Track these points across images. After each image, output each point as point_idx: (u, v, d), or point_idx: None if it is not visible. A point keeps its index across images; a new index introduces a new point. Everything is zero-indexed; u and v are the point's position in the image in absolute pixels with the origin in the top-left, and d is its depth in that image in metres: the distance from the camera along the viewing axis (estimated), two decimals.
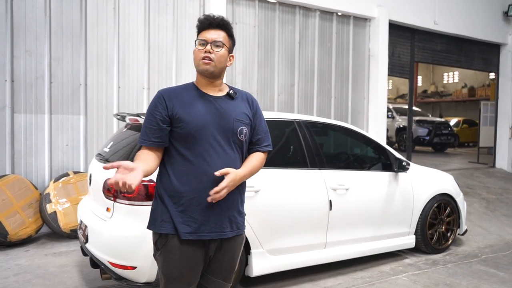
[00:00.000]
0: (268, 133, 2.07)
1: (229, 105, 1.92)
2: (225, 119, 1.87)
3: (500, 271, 4.05)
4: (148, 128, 1.85)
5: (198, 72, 1.90)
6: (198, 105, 1.86)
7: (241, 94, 2.01)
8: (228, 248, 1.91)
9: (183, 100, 1.86)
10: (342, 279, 3.75)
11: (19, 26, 4.92)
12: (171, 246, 1.81)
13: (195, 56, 1.89)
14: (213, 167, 1.80)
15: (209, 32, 1.88)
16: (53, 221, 4.58)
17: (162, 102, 1.84)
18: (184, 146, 1.82)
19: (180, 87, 1.94)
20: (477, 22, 9.26)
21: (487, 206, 6.90)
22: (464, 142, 16.81)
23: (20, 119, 4.96)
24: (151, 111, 1.86)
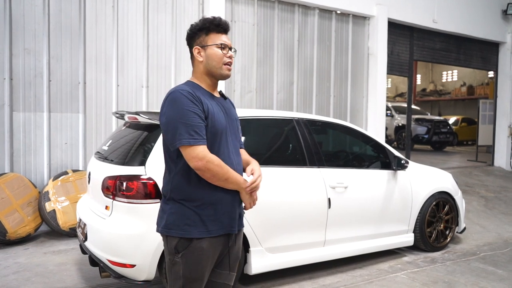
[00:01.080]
0: None
1: (227, 105, 1.98)
2: (232, 119, 1.96)
3: (498, 268, 4.06)
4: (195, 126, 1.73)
5: (218, 75, 1.90)
6: (215, 104, 1.88)
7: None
8: (238, 241, 2.00)
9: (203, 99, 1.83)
10: (341, 277, 3.76)
11: (17, 24, 4.92)
12: (194, 248, 1.81)
13: (216, 59, 1.88)
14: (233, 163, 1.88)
15: (227, 37, 1.93)
16: (52, 219, 4.58)
17: (196, 98, 1.78)
18: (213, 143, 1.82)
19: (190, 87, 1.85)
20: (476, 21, 9.27)
21: (485, 204, 6.92)
22: (463, 140, 16.84)
23: (19, 117, 4.96)
24: (189, 108, 1.74)
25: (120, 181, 2.93)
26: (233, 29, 6.31)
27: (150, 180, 2.90)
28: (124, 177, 2.93)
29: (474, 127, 14.01)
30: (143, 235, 2.89)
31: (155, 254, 2.90)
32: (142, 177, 2.91)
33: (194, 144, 1.72)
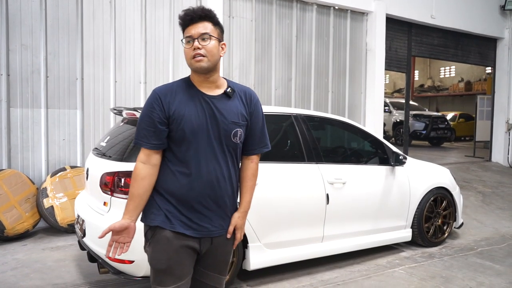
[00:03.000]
0: (265, 132, 1.99)
1: (225, 105, 1.83)
2: (221, 122, 1.80)
3: (496, 263, 4.08)
4: (146, 130, 1.78)
5: (193, 71, 1.83)
6: (194, 105, 1.79)
7: (239, 90, 1.90)
8: (221, 244, 1.90)
9: (179, 99, 1.79)
10: (339, 272, 3.77)
11: (14, 19, 4.88)
12: (159, 237, 1.80)
13: (186, 56, 1.81)
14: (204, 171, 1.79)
15: (194, 27, 1.79)
16: (50, 215, 4.58)
17: (159, 103, 1.77)
18: (179, 148, 1.79)
19: (175, 85, 1.85)
20: (474, 16, 9.26)
21: (483, 199, 6.94)
22: (461, 136, 16.88)
23: (16, 113, 4.94)
24: (148, 112, 1.78)
25: (118, 177, 2.92)
26: (231, 25, 6.29)
27: None
28: (122, 173, 2.92)
29: (471, 122, 14.05)
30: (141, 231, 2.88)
31: None
32: None
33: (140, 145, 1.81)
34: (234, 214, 1.93)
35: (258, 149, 1.97)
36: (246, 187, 1.97)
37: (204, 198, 1.80)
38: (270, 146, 2.02)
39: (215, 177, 1.81)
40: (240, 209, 1.95)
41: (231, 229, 1.91)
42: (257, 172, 2.01)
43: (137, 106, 5.49)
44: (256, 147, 1.96)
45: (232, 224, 1.91)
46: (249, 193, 1.98)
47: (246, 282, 3.47)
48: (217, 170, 1.82)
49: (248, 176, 1.97)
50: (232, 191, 1.90)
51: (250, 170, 1.97)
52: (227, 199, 1.87)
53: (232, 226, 1.91)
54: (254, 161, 1.98)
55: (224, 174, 1.84)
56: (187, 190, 1.79)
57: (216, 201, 1.83)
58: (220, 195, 1.84)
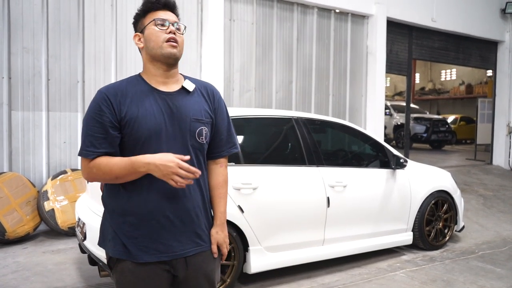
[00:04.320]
0: (232, 131, 1.77)
1: (185, 101, 1.61)
2: (181, 120, 1.57)
3: (497, 267, 4.07)
4: (93, 137, 1.50)
5: (161, 57, 1.58)
6: (149, 104, 1.55)
7: (199, 86, 1.69)
8: (200, 263, 1.63)
9: (131, 98, 1.54)
10: (339, 275, 3.76)
11: (16, 22, 4.90)
12: (122, 268, 1.55)
13: (153, 38, 1.57)
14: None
15: (166, 13, 1.61)
16: (51, 218, 4.58)
17: (108, 104, 1.51)
18: (133, 154, 1.52)
19: (124, 82, 1.61)
20: (474, 20, 9.27)
21: (484, 202, 6.93)
22: (462, 139, 16.85)
23: (18, 116, 4.94)
24: (95, 115, 1.51)
25: None
26: (232, 28, 6.31)
27: None
28: None
29: (472, 125, 14.03)
30: None
31: None
32: None
33: (85, 156, 1.52)
34: (212, 230, 1.68)
35: (226, 150, 1.73)
36: (219, 196, 1.71)
37: (167, 213, 1.54)
38: (238, 147, 1.80)
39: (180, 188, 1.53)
40: (216, 222, 1.70)
41: (215, 248, 1.67)
42: (227, 177, 1.75)
43: None
44: (224, 148, 1.72)
45: (213, 242, 1.67)
46: (223, 203, 1.72)
47: (246, 286, 3.47)
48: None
49: (220, 183, 1.71)
50: (203, 201, 1.65)
51: (220, 176, 1.72)
52: (198, 211, 1.62)
53: (214, 244, 1.67)
54: (224, 165, 1.74)
55: (193, 183, 1.58)
56: (145, 206, 1.53)
57: (183, 215, 1.57)
58: (189, 207, 1.58)
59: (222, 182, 1.73)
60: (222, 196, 1.72)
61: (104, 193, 1.65)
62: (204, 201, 1.66)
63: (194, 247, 1.61)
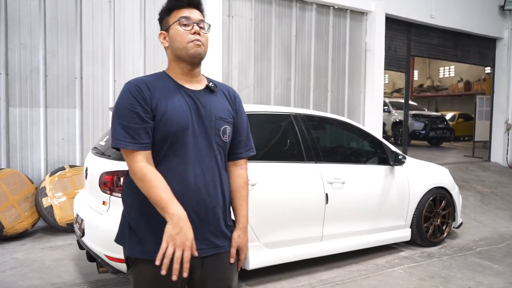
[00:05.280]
0: (250, 134, 1.78)
1: (210, 100, 1.62)
2: (207, 117, 1.58)
3: (495, 263, 4.09)
4: (130, 128, 1.48)
5: (185, 57, 1.57)
6: (177, 99, 1.55)
7: (221, 87, 1.71)
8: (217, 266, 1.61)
9: (159, 92, 1.54)
10: (338, 272, 3.77)
11: (13, 18, 4.88)
12: (140, 267, 1.55)
13: (178, 38, 1.56)
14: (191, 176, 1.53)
15: (191, 12, 1.59)
16: (49, 215, 4.57)
17: (141, 94, 1.51)
18: (159, 149, 1.53)
19: (150, 77, 1.61)
20: (473, 16, 9.26)
21: (482, 199, 6.95)
22: (460, 136, 16.88)
23: (15, 112, 4.93)
24: (129, 105, 1.49)
25: (117, 177, 2.92)
26: (230, 24, 6.29)
27: None
28: (122, 172, 2.92)
29: (471, 122, 14.06)
30: None
31: None
32: None
33: (124, 147, 1.49)
34: (234, 233, 1.66)
35: (245, 152, 1.74)
36: (240, 198, 1.69)
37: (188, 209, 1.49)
38: (255, 150, 1.81)
39: (203, 183, 1.55)
40: (238, 225, 1.68)
41: (234, 252, 1.64)
42: (248, 180, 1.75)
43: None
44: (243, 150, 1.73)
45: (233, 246, 1.64)
46: (245, 205, 1.70)
47: (245, 282, 3.47)
48: (206, 175, 1.56)
49: (241, 185, 1.70)
50: (223, 200, 1.63)
51: (241, 178, 1.71)
52: (219, 210, 1.60)
53: (234, 248, 1.65)
54: (244, 167, 1.74)
55: (215, 179, 1.59)
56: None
57: (203, 213, 1.56)
58: (210, 205, 1.57)
59: (243, 184, 1.72)
60: (243, 198, 1.71)
61: (124, 190, 1.63)
62: (224, 202, 1.64)
63: (211, 247, 1.59)
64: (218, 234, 1.61)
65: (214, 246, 1.60)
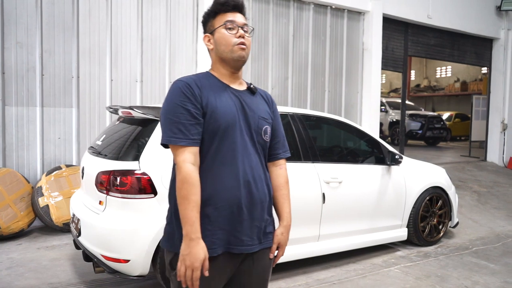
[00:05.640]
0: (285, 136, 1.85)
1: (252, 101, 1.69)
2: (251, 116, 1.64)
3: (491, 262, 4.10)
4: (181, 124, 1.51)
5: (230, 60, 1.63)
6: (225, 97, 1.61)
7: (259, 90, 1.78)
8: (258, 261, 1.66)
9: (208, 90, 1.59)
10: (335, 271, 3.77)
11: (9, 17, 4.85)
12: None
13: (224, 42, 1.62)
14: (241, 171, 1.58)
15: (234, 15, 1.64)
16: (46, 214, 4.56)
17: (191, 91, 1.55)
18: (209, 145, 1.56)
19: (199, 76, 1.65)
20: (470, 17, 9.29)
21: (478, 199, 6.97)
22: (456, 136, 16.93)
23: (11, 111, 4.91)
24: (180, 102, 1.53)
25: (114, 176, 2.91)
26: None
27: (144, 175, 2.89)
28: (118, 172, 2.91)
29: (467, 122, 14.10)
30: (137, 230, 2.88)
31: (149, 249, 2.89)
32: (136, 172, 2.90)
33: (174, 143, 1.52)
34: (277, 230, 1.72)
35: (283, 153, 1.80)
36: (283, 196, 1.75)
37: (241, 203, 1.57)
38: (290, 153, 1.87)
39: (252, 178, 1.60)
40: (283, 223, 1.74)
41: (275, 248, 1.70)
42: (288, 179, 1.81)
43: (133, 104, 5.48)
44: (281, 151, 1.80)
45: (275, 242, 1.71)
46: (288, 204, 1.76)
47: None
48: (254, 171, 1.61)
49: (282, 184, 1.77)
50: (269, 196, 1.69)
51: (281, 177, 1.78)
52: (265, 205, 1.66)
53: (276, 244, 1.71)
54: (283, 167, 1.80)
55: (261, 175, 1.65)
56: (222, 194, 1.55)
57: (254, 207, 1.61)
58: (259, 200, 1.62)
59: (284, 183, 1.78)
60: (285, 197, 1.77)
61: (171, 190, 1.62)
62: (270, 199, 1.70)
63: (258, 243, 1.65)
64: (264, 229, 1.67)
65: (260, 242, 1.66)
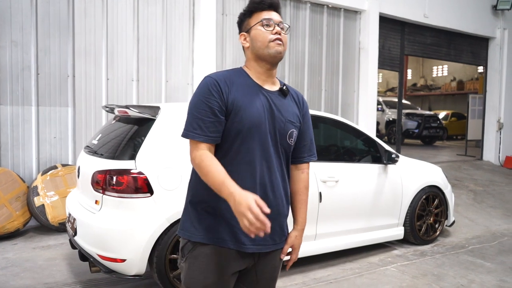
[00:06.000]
0: (313, 140, 1.83)
1: (282, 103, 1.67)
2: (278, 119, 1.63)
3: (487, 261, 4.12)
4: (201, 120, 1.53)
5: (267, 57, 1.62)
6: (253, 97, 1.60)
7: (291, 91, 1.75)
8: (268, 261, 1.68)
9: (237, 88, 1.59)
10: (331, 270, 3.78)
11: (4, 15, 4.82)
12: (197, 253, 1.59)
13: (260, 38, 1.62)
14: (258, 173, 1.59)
15: (270, 13, 1.65)
16: (41, 214, 4.53)
17: (218, 89, 1.55)
18: (231, 143, 1.57)
19: (229, 72, 1.65)
20: (466, 16, 9.32)
21: (474, 198, 7.00)
22: (453, 135, 16.99)
23: (6, 111, 4.88)
24: (204, 99, 1.54)
25: (110, 175, 2.90)
26: (224, 23, 6.27)
27: (141, 174, 2.88)
28: (114, 171, 2.90)
29: (463, 121, 14.14)
30: (133, 229, 2.87)
31: (145, 249, 2.88)
32: (132, 171, 2.88)
33: (191, 138, 1.55)
34: (291, 233, 1.75)
35: (307, 157, 1.79)
36: (300, 201, 1.76)
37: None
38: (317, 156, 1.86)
39: (269, 180, 1.61)
40: (297, 227, 1.76)
41: (286, 249, 1.73)
42: (308, 184, 1.81)
43: (129, 103, 5.46)
44: (306, 155, 1.78)
45: (288, 243, 1.73)
46: (304, 209, 1.77)
47: None
48: (272, 173, 1.62)
49: (301, 189, 1.77)
50: (287, 200, 1.70)
51: (302, 182, 1.78)
52: (281, 208, 1.66)
53: (288, 246, 1.73)
54: (305, 172, 1.80)
55: (279, 179, 1.65)
56: None
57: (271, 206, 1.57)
58: (275, 202, 1.63)
59: (303, 189, 1.78)
60: (303, 202, 1.78)
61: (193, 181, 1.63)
62: (287, 202, 1.71)
63: (272, 243, 1.66)
64: (279, 230, 1.68)
65: (274, 242, 1.67)
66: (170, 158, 3.02)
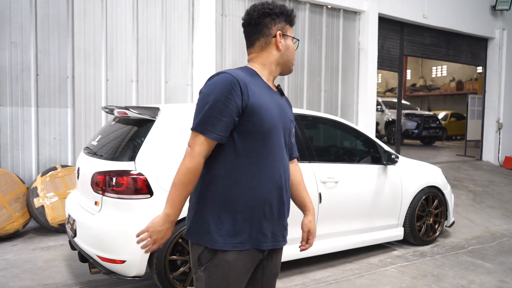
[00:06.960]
0: None
1: (283, 102, 1.74)
2: (285, 118, 1.69)
3: (486, 262, 4.12)
4: (216, 118, 1.50)
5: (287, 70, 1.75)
6: (268, 98, 1.63)
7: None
8: (274, 256, 1.74)
9: (254, 89, 1.58)
10: (331, 271, 3.78)
11: (3, 16, 4.82)
12: (219, 261, 1.56)
13: (291, 51, 1.74)
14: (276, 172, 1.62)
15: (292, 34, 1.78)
16: (41, 215, 4.53)
17: (238, 90, 1.52)
18: (252, 145, 1.57)
19: (243, 72, 1.62)
20: (465, 16, 9.33)
21: (474, 198, 7.00)
22: (452, 135, 16.99)
23: (6, 112, 4.87)
24: (224, 98, 1.50)
25: (109, 177, 2.90)
26: (223, 23, 6.27)
27: (141, 176, 2.88)
28: (114, 172, 2.90)
29: (463, 122, 14.14)
30: (132, 230, 2.86)
31: None
32: (132, 173, 2.88)
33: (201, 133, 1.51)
34: (304, 219, 1.82)
35: (295, 152, 1.89)
36: (304, 189, 1.86)
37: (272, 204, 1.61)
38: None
39: (284, 179, 1.66)
40: (309, 212, 1.84)
41: (305, 236, 1.81)
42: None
43: (128, 104, 5.46)
44: (293, 151, 1.87)
45: (305, 230, 1.80)
46: (308, 195, 1.88)
47: None
48: (286, 171, 1.68)
49: (300, 179, 1.87)
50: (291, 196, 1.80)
51: (299, 172, 1.88)
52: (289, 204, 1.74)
53: (306, 233, 1.80)
54: (296, 163, 1.90)
55: (289, 176, 1.73)
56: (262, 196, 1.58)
57: (282, 207, 1.67)
58: (287, 199, 1.70)
59: (301, 178, 1.88)
60: (305, 189, 1.87)
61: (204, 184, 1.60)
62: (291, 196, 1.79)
63: (282, 240, 1.71)
64: (287, 227, 1.74)
65: (284, 239, 1.72)
66: (169, 159, 3.02)
